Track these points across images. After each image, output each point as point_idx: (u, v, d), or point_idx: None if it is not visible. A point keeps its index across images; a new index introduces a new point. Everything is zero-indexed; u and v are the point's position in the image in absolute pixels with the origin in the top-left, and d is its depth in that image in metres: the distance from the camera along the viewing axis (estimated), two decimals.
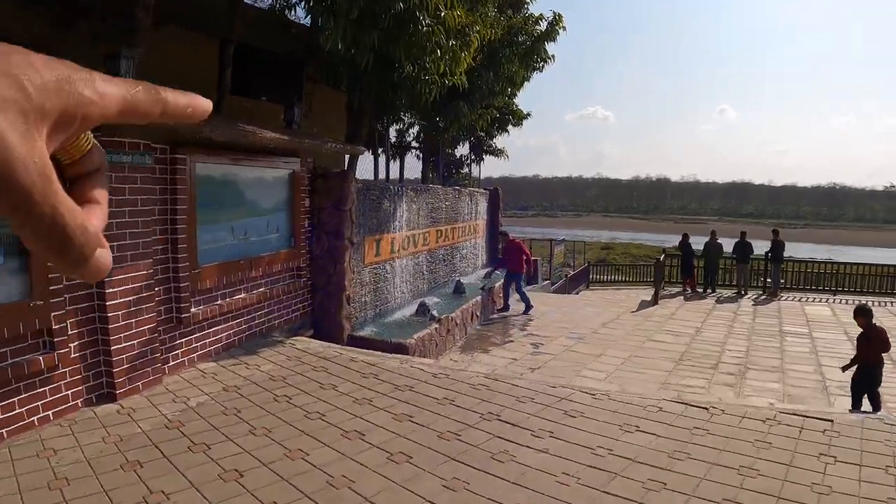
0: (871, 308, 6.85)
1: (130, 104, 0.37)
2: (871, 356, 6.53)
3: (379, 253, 9.56)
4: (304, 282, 8.11)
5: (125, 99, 0.37)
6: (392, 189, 9.83)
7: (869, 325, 6.60)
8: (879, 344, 6.50)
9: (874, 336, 6.51)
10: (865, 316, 6.64)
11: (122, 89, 0.37)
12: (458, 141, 15.42)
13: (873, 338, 6.51)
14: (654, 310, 14.08)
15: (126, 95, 0.37)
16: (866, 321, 6.60)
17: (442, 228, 12.42)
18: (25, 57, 0.32)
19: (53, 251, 0.34)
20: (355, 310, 8.99)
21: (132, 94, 0.37)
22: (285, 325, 7.91)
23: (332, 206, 7.95)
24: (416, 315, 10.29)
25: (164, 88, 0.41)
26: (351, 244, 8.12)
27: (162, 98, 0.40)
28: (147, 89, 0.39)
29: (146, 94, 0.39)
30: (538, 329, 11.33)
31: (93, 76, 0.35)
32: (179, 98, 0.41)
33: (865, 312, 6.67)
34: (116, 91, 0.36)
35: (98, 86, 0.35)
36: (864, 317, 6.63)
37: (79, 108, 0.34)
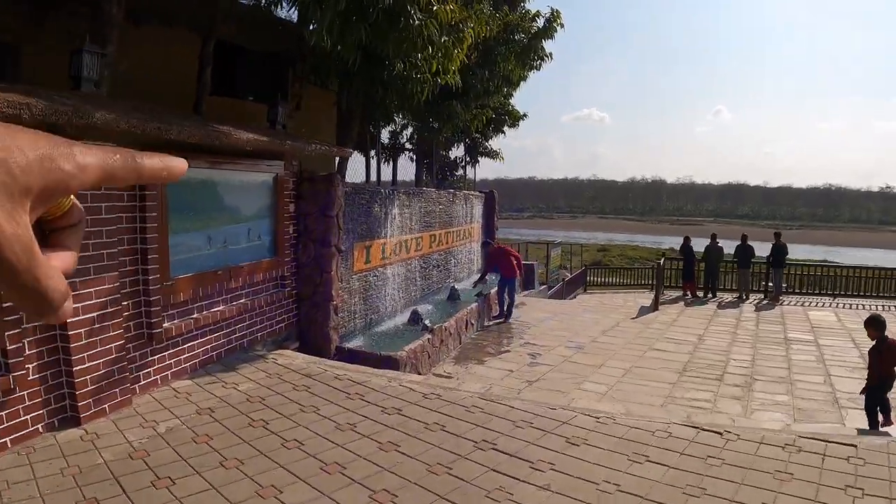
0: (884, 319, 6.34)
1: (108, 173, 0.39)
2: (883, 369, 6.10)
3: (369, 260, 9.12)
4: (289, 292, 7.67)
5: (103, 169, 0.39)
6: (383, 193, 9.40)
7: (881, 338, 6.15)
8: (892, 357, 6.08)
9: (886, 349, 6.10)
10: (878, 328, 6.16)
11: (101, 159, 0.39)
12: (453, 143, 15.00)
13: (884, 351, 6.10)
14: (655, 316, 13.67)
15: (104, 165, 0.39)
16: (878, 334, 6.14)
17: (436, 233, 11.99)
18: (11, 137, 0.34)
19: (30, 308, 0.37)
20: (344, 320, 8.55)
21: (109, 163, 0.39)
22: (269, 338, 7.46)
23: (318, 212, 7.52)
24: (408, 323, 9.86)
25: (141, 154, 0.42)
26: (339, 252, 7.69)
27: (138, 165, 0.42)
28: (124, 157, 0.41)
29: (123, 163, 0.40)
30: (536, 337, 10.91)
31: (72, 149, 0.37)
32: (155, 162, 0.43)
33: (878, 324, 6.18)
34: (95, 162, 0.38)
35: (78, 159, 0.37)
36: (876, 329, 6.16)
37: (60, 182, 0.36)
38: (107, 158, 0.39)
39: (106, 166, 0.39)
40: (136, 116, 4.76)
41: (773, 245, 16.74)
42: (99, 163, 0.38)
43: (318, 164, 10.81)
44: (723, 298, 16.95)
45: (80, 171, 0.37)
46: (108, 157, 0.39)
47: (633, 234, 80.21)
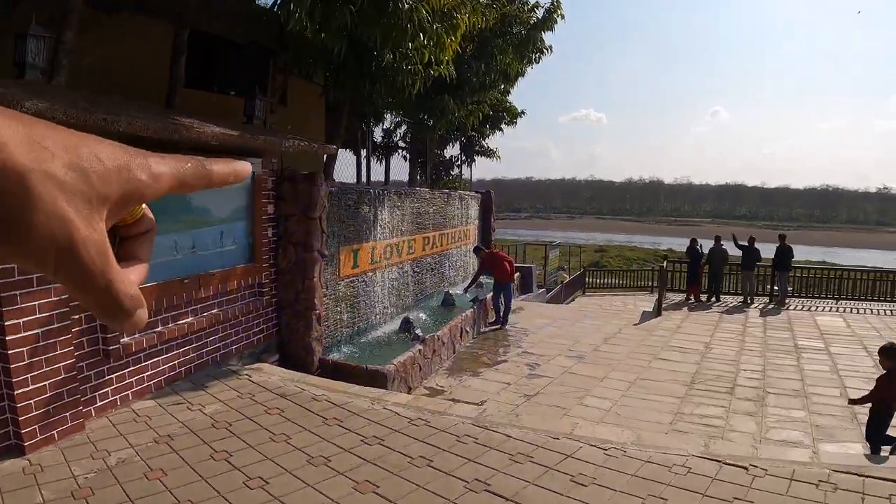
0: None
1: (180, 181, 0.40)
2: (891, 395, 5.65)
3: (357, 264, 8.53)
4: (268, 300, 7.07)
5: (176, 178, 0.40)
6: (372, 193, 8.80)
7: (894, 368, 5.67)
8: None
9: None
10: (892, 358, 5.66)
11: (174, 168, 0.40)
12: (448, 141, 14.40)
13: None
14: (658, 322, 13.10)
15: (176, 174, 0.40)
16: (892, 364, 5.65)
17: (429, 235, 11.39)
18: (91, 149, 0.35)
19: (103, 313, 0.38)
20: (329, 329, 7.96)
21: (181, 172, 0.40)
22: (245, 351, 6.87)
23: (299, 214, 6.92)
24: (399, 331, 9.26)
25: (210, 160, 0.43)
26: (322, 257, 7.09)
27: (208, 172, 0.42)
28: (195, 165, 0.42)
29: (194, 171, 0.41)
30: (534, 346, 10.32)
31: (147, 160, 0.38)
32: (223, 168, 0.44)
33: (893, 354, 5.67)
34: (168, 171, 0.39)
35: (153, 169, 0.38)
36: (890, 359, 5.67)
37: (135, 191, 0.37)
38: (179, 167, 0.40)
39: (178, 175, 0.40)
40: (80, 107, 4.15)
41: (779, 247, 16.19)
42: (172, 172, 0.39)
43: (305, 163, 10.20)
44: (727, 303, 16.40)
45: (154, 180, 0.38)
46: (181, 165, 0.40)
47: (630, 234, 79.71)
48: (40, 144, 0.33)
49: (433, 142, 12.32)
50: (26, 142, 0.32)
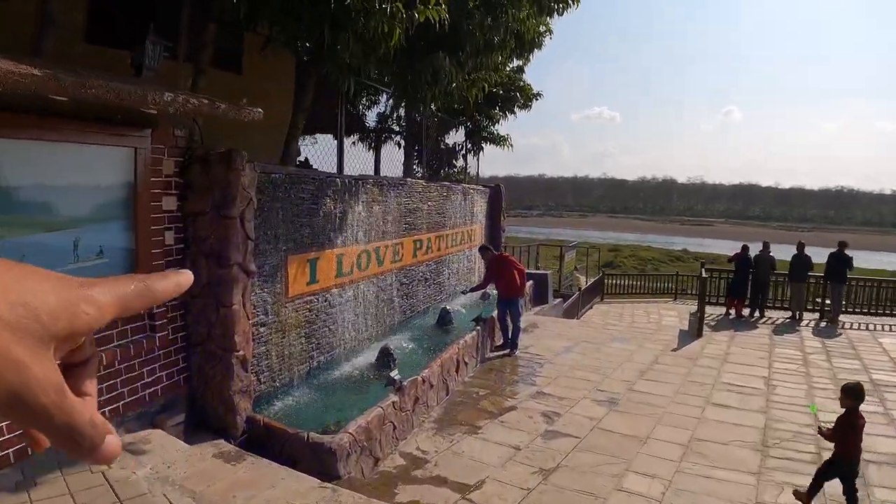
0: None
1: (125, 307, 0.38)
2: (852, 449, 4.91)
3: (315, 278, 6.16)
4: (166, 338, 4.73)
5: (119, 305, 0.38)
6: (339, 183, 6.42)
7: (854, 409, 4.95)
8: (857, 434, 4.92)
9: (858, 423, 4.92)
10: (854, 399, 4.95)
11: (117, 295, 0.38)
12: (451, 126, 11.98)
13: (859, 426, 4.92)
14: (701, 346, 10.63)
15: (121, 302, 0.38)
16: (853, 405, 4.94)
17: (422, 237, 9.01)
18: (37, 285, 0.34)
19: (68, 447, 0.36)
20: (270, 369, 5.63)
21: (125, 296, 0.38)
22: (129, 413, 4.55)
23: (212, 211, 4.58)
24: (377, 364, 6.91)
25: (150, 276, 0.41)
26: (246, 273, 4.74)
27: (151, 292, 0.41)
28: (139, 287, 0.40)
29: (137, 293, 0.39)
30: (551, 382, 7.92)
31: (91, 292, 0.36)
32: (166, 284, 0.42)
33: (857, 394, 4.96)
34: (112, 300, 0.37)
35: (97, 300, 0.36)
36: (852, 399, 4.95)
37: (83, 325, 0.36)
38: (122, 293, 0.38)
39: (122, 302, 0.38)
40: None
41: (834, 255, 13.66)
42: (116, 300, 0.38)
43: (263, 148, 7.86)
44: (772, 318, 13.90)
45: (100, 312, 0.36)
46: (124, 290, 0.39)
47: (643, 233, 76.83)
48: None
49: (428, 119, 9.87)
50: None
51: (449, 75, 6.36)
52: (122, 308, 0.38)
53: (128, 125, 4.15)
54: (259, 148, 7.78)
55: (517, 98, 12.01)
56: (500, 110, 12.32)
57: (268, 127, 7.76)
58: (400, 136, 11.71)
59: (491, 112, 12.28)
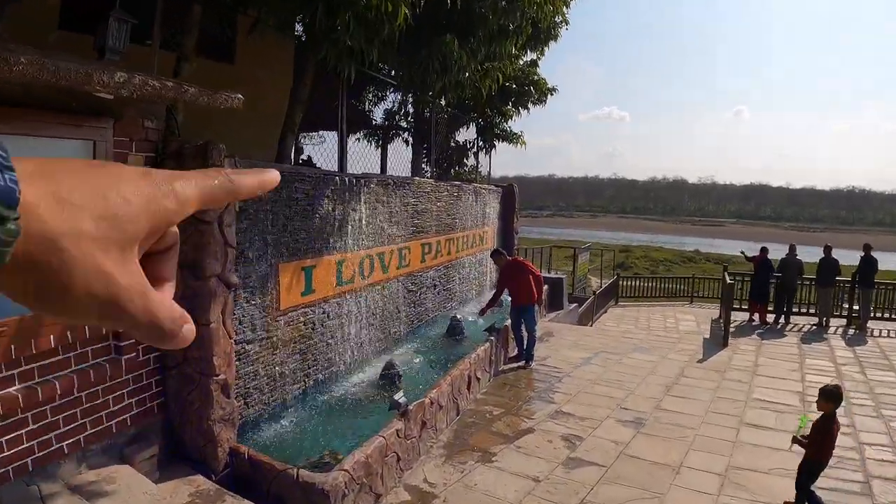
0: None
1: (207, 201, 0.38)
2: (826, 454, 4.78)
3: (311, 288, 5.49)
4: (135, 360, 4.08)
5: (202, 199, 0.38)
6: (338, 182, 5.75)
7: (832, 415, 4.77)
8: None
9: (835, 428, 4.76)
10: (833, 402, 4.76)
11: (200, 188, 0.38)
12: (461, 123, 11.26)
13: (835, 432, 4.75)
14: (728, 357, 9.88)
15: (203, 195, 0.38)
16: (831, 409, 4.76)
17: (431, 240, 8.32)
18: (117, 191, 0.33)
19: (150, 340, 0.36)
20: (259, 392, 4.97)
21: (208, 191, 0.38)
22: (94, 446, 3.90)
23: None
24: (380, 381, 6.24)
25: (237, 172, 0.41)
26: (226, 286, 4.08)
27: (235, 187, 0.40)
28: (222, 181, 0.39)
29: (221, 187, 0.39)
30: (571, 399, 7.21)
31: (173, 186, 0.36)
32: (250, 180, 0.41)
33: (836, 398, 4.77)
34: (195, 193, 0.37)
35: (179, 194, 0.36)
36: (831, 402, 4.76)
37: (164, 221, 0.36)
38: (206, 186, 0.38)
39: (205, 195, 0.38)
40: None
41: (864, 258, 12.86)
42: (199, 193, 0.38)
43: (257, 143, 7.22)
44: (798, 325, 13.10)
45: (181, 206, 0.36)
46: (208, 183, 0.38)
47: (654, 234, 75.68)
48: (68, 201, 0.32)
49: (437, 115, 9.15)
50: (54, 202, 0.31)
51: (459, 62, 5.65)
52: (206, 201, 0.38)
53: (84, 114, 3.50)
54: (254, 144, 7.15)
55: (531, 93, 11.28)
56: (514, 106, 11.58)
57: (264, 122, 7.11)
58: (408, 132, 11.01)
59: (503, 108, 11.55)
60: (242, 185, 0.40)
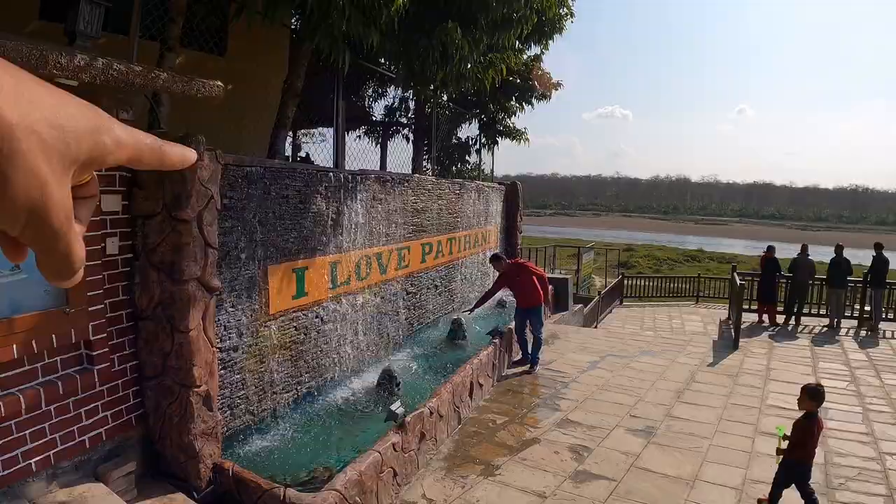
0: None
1: (137, 154, 0.39)
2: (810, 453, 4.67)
3: (303, 291, 5.17)
4: (109, 369, 3.75)
5: (135, 149, 0.39)
6: (333, 178, 5.42)
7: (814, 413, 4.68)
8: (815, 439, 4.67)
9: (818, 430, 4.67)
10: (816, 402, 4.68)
11: (135, 139, 0.39)
12: (464, 118, 10.91)
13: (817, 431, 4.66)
14: (740, 360, 9.53)
15: (136, 146, 0.39)
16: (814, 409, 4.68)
17: (432, 240, 7.99)
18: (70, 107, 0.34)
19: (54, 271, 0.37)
20: (247, 401, 4.64)
21: (141, 145, 0.39)
22: (66, 463, 3.58)
23: (164, 213, 3.59)
24: (377, 388, 5.91)
25: (165, 142, 0.42)
26: (207, 290, 3.75)
27: (163, 153, 0.41)
28: (153, 142, 0.41)
29: (150, 147, 0.40)
30: (578, 406, 6.88)
31: (112, 125, 0.37)
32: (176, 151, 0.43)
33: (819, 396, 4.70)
34: (130, 141, 0.38)
35: (116, 135, 0.37)
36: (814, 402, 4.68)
37: (100, 155, 0.36)
38: (140, 139, 0.39)
39: (137, 147, 0.39)
40: None
41: (875, 258, 12.48)
42: (133, 142, 0.38)
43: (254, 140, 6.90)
44: (809, 327, 12.73)
45: (117, 147, 0.37)
46: (142, 138, 0.40)
47: (657, 233, 75.20)
48: (26, 97, 0.32)
49: (437, 107, 8.76)
50: (14, 94, 0.31)
51: (460, 51, 5.31)
52: (136, 153, 0.39)
53: None
54: (248, 139, 6.83)
55: (535, 87, 10.93)
56: (517, 101, 11.23)
57: (258, 116, 6.79)
58: (408, 129, 10.67)
59: (507, 104, 11.19)
60: (167, 153, 0.42)
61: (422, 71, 5.45)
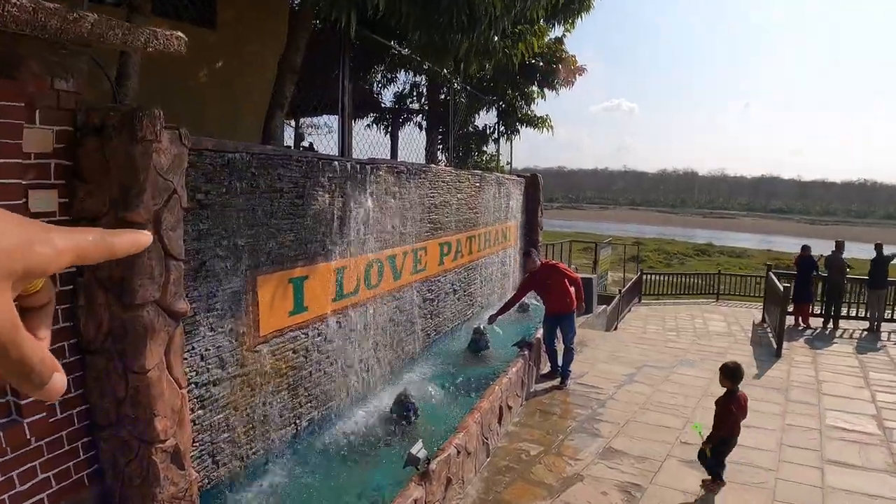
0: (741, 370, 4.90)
1: (82, 255, 0.40)
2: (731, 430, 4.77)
3: (302, 304, 4.22)
4: (47, 421, 2.83)
5: (77, 252, 0.39)
6: (338, 168, 4.47)
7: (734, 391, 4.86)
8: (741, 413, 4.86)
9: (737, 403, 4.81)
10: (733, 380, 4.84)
11: (76, 242, 0.39)
12: (483, 104, 9.88)
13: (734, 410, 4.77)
14: (785, 372, 8.55)
15: (78, 248, 0.39)
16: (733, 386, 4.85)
17: (450, 239, 7.03)
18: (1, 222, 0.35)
19: (18, 380, 0.36)
20: (236, 442, 3.71)
21: (83, 245, 0.39)
22: None
23: (111, 213, 2.66)
24: (392, 416, 4.97)
25: (112, 232, 0.42)
26: (170, 315, 2.81)
27: (109, 245, 0.41)
28: (97, 238, 0.41)
29: (95, 244, 0.40)
30: (619, 430, 5.92)
31: (50, 234, 0.37)
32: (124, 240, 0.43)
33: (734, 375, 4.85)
34: (70, 245, 0.38)
35: (56, 243, 0.37)
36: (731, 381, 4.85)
37: (38, 266, 0.36)
38: (81, 241, 0.39)
39: (80, 249, 0.39)
40: None
41: None
42: (73, 246, 0.39)
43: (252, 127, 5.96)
44: (848, 330, 11.74)
45: (57, 255, 0.37)
46: (83, 238, 0.40)
47: (664, 226, 74.06)
48: None
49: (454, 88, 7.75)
50: None
51: (491, 12, 4.31)
52: (79, 255, 0.39)
53: None
54: (241, 121, 5.89)
55: (560, 71, 9.92)
56: (539, 86, 10.22)
57: (252, 97, 5.85)
58: (421, 115, 9.69)
59: (527, 89, 10.20)
60: (115, 244, 0.41)
61: (442, 39, 4.48)
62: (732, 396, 4.84)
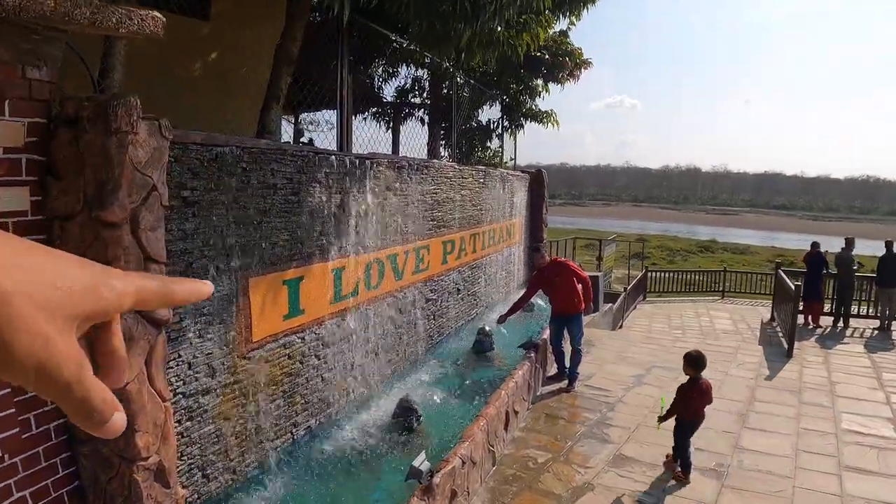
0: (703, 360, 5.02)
1: (142, 299, 0.40)
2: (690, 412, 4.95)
3: (298, 308, 4.00)
4: (20, 437, 2.61)
5: (137, 297, 0.39)
6: (335, 163, 4.24)
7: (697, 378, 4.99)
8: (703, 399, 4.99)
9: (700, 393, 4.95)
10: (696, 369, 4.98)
11: (137, 287, 0.39)
12: (487, 98, 9.64)
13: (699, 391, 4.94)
14: (797, 372, 8.31)
15: (139, 293, 0.39)
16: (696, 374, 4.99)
17: (454, 237, 6.80)
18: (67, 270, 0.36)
19: (80, 418, 0.37)
20: (227, 454, 3.49)
21: (144, 291, 0.40)
22: None
23: (85, 212, 2.43)
24: (393, 422, 4.75)
25: (173, 280, 0.43)
26: (152, 324, 2.59)
27: (169, 291, 0.42)
28: (159, 284, 0.41)
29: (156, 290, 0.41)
30: (629, 435, 5.69)
31: (111, 279, 0.38)
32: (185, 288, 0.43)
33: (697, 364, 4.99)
34: (131, 290, 0.39)
35: (117, 287, 0.38)
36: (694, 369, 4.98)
37: (102, 309, 0.37)
38: (143, 286, 0.40)
39: (140, 294, 0.40)
40: None
41: None
42: (134, 291, 0.39)
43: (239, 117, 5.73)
44: (858, 329, 11.50)
45: (118, 299, 0.38)
46: (145, 284, 0.40)
47: (667, 222, 73.75)
48: (22, 267, 0.34)
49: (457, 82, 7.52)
50: (9, 264, 0.33)
51: (496, 1, 4.06)
52: (139, 300, 0.39)
53: None
54: (238, 116, 5.66)
55: (566, 64, 9.66)
56: (545, 80, 9.97)
57: (248, 90, 5.61)
58: (423, 110, 9.45)
59: (532, 83, 9.95)
60: (175, 292, 0.42)
61: (444, 27, 4.24)
62: (695, 384, 4.98)
